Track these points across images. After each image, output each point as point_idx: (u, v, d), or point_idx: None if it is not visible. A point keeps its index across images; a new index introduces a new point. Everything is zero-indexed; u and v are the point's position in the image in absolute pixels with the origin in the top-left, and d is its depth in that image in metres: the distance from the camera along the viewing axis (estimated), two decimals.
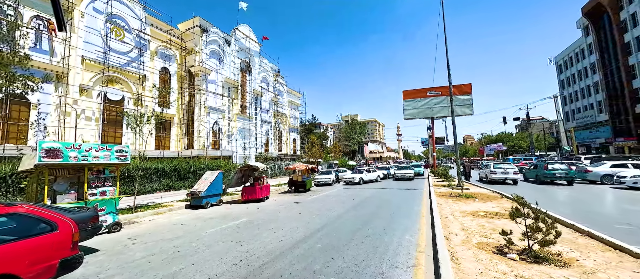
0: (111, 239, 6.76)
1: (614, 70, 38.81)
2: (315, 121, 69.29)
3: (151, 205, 11.40)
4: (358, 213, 9.13)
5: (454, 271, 3.91)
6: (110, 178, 7.84)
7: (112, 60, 22.06)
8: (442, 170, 21.54)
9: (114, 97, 22.22)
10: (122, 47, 22.99)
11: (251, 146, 35.12)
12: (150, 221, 9.00)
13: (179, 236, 6.92)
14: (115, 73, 22.32)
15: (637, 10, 34.42)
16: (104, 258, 5.36)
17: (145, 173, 16.03)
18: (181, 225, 8.23)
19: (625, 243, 4.64)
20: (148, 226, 8.23)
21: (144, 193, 15.93)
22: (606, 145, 39.79)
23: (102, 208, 7.38)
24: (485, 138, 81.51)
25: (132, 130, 11.31)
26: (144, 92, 23.62)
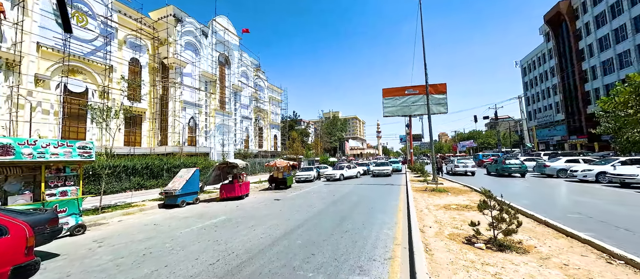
0: (74, 243, 6.26)
1: (569, 74, 42.71)
2: (296, 117, 68.86)
3: (120, 205, 10.70)
4: (338, 209, 9.27)
5: (427, 261, 4.11)
6: (72, 176, 7.23)
7: (74, 48, 20.20)
8: (419, 166, 22.48)
9: (76, 88, 20.40)
10: (85, 35, 21.12)
11: (230, 143, 34.14)
12: (119, 222, 8.45)
13: (151, 237, 6.57)
14: (78, 62, 20.48)
15: (590, 20, 38.03)
16: (64, 263, 4.95)
17: (113, 171, 14.99)
18: (154, 225, 7.82)
19: (575, 230, 5.17)
20: (116, 228, 7.73)
21: (112, 193, 14.92)
22: (562, 142, 43.85)
23: (62, 210, 6.80)
24: (458, 135, 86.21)
25: (98, 125, 10.50)
26: (111, 84, 21.95)
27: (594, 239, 4.61)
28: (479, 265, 3.93)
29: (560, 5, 42.50)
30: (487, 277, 3.55)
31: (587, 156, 19.32)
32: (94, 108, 11.21)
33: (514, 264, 3.91)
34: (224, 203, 11.79)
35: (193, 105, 28.82)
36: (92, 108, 11.44)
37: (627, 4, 32.03)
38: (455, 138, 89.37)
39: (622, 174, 12.08)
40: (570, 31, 41.90)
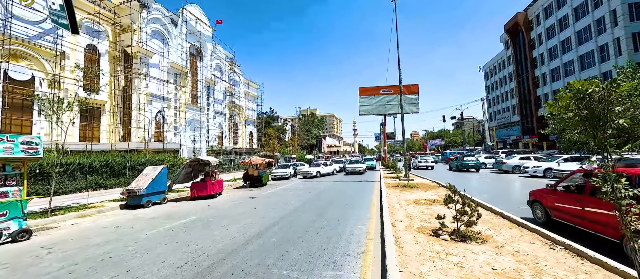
0: (17, 250, 5.57)
1: (524, 80, 47.18)
2: (273, 114, 67.68)
3: (74, 207, 9.71)
4: (314, 206, 9.32)
5: (397, 254, 4.31)
6: (14, 176, 6.40)
7: (17, 30, 17.75)
8: (392, 163, 23.39)
9: (19, 76, 17.98)
10: (32, 16, 18.66)
11: (202, 139, 32.58)
12: (73, 226, 7.67)
13: (111, 240, 6.07)
14: (21, 46, 18.05)
15: (542, 31, 42.25)
16: (4, 274, 4.38)
17: (65, 169, 13.53)
18: (114, 228, 7.22)
19: (525, 221, 5.75)
20: (70, 231, 7.01)
21: (65, 194, 13.48)
22: (517, 141, 48.42)
23: (2, 213, 6.00)
24: (429, 134, 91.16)
25: (47, 117, 9.38)
26: (64, 72, 19.70)
27: (540, 228, 5.17)
28: (443, 255, 4.21)
29: (518, 16, 46.62)
30: (450, 266, 3.82)
31: (537, 155, 21.60)
32: (41, 98, 9.96)
33: (474, 253, 4.25)
34: (194, 202, 11.25)
35: (161, 98, 26.97)
36: (40, 99, 10.16)
37: (572, 18, 36.10)
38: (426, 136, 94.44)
39: (564, 170, 13.69)
40: (526, 41, 46.21)
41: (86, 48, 22.46)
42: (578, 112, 1.94)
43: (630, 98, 11.89)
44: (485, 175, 19.01)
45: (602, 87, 1.84)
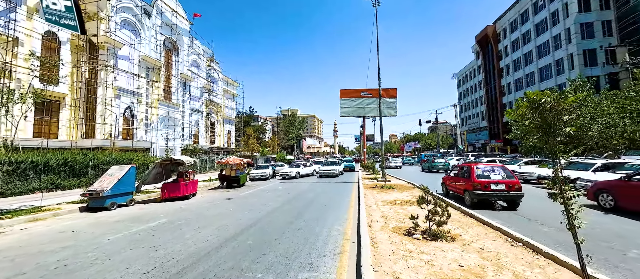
0: None
1: (492, 88, 50.72)
2: (253, 113, 66.27)
3: (25, 210, 8.77)
4: (292, 207, 9.25)
5: (372, 254, 4.40)
6: None
7: None
8: (371, 164, 23.92)
9: None
10: None
11: (176, 138, 31.01)
12: (23, 231, 6.92)
13: (68, 246, 5.55)
14: None
15: (508, 44, 45.72)
16: None
17: (15, 168, 12.17)
18: (72, 233, 6.62)
19: (490, 220, 6.16)
20: (18, 238, 6.30)
21: (14, 195, 12.13)
22: (485, 145, 51.87)
23: None
24: (406, 137, 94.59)
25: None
26: (16, 60, 17.74)
27: (502, 227, 5.57)
28: (415, 254, 4.38)
29: (487, 29, 50.05)
30: (421, 264, 3.97)
31: (502, 158, 23.31)
32: None
33: (443, 251, 4.47)
34: (166, 203, 10.66)
35: (130, 93, 25.26)
36: None
37: (533, 34, 39.49)
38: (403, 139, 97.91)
39: (525, 172, 14.89)
40: (494, 52, 49.74)
41: (44, 35, 20.44)
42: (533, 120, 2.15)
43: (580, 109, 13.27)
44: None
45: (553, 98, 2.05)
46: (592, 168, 11.12)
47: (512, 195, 7.93)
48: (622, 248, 4.76)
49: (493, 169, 8.55)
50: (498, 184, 8.00)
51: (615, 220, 6.65)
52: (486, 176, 8.24)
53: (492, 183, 8.03)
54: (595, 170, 10.90)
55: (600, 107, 17.73)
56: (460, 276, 3.58)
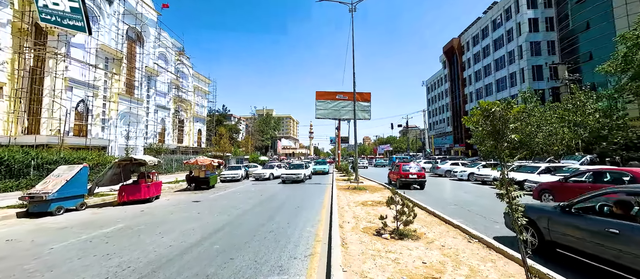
0: None
1: (457, 96, 54.72)
2: (226, 112, 63.82)
3: None
4: (264, 209, 9.05)
5: (342, 254, 4.47)
6: None
7: None
8: (344, 166, 24.33)
9: None
10: None
11: (139, 136, 28.70)
12: None
13: (1, 258, 4.83)
14: None
15: (470, 56, 49.74)
16: None
17: None
18: (6, 242, 5.79)
19: (451, 218, 6.61)
20: None
21: None
22: (450, 149, 55.70)
23: None
24: (379, 140, 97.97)
25: None
26: None
27: (461, 224, 6.01)
28: (383, 253, 4.53)
29: (453, 41, 53.98)
30: (388, 262, 4.13)
31: (464, 161, 25.20)
32: None
33: (409, 249, 4.69)
34: (124, 207, 9.80)
35: (85, 85, 22.87)
36: None
37: (492, 48, 43.45)
38: (376, 142, 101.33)
39: (483, 174, 16.25)
40: (458, 63, 53.76)
41: None
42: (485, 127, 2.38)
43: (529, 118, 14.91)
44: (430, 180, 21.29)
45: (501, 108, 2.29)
46: (537, 171, 12.49)
47: (420, 181, 13.76)
48: None
49: (411, 165, 14.53)
50: (413, 174, 13.75)
51: None
52: (407, 170, 13.95)
53: (410, 174, 13.76)
54: (540, 173, 12.27)
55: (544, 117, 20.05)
56: (423, 272, 3.78)
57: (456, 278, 3.62)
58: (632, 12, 26.05)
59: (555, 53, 35.76)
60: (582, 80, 29.11)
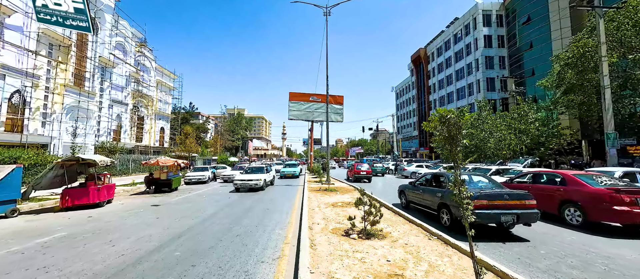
0: None
1: (422, 102, 58.40)
2: (193, 110, 60.16)
3: None
4: (232, 212, 8.71)
5: (310, 256, 4.48)
6: None
7: None
8: (316, 168, 24.46)
9: None
10: None
11: (89, 133, 25.76)
12: None
13: None
14: None
15: (435, 66, 53.50)
16: None
17: None
18: None
19: (414, 218, 7.01)
20: None
21: None
22: (416, 152, 59.13)
23: None
24: (351, 142, 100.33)
25: None
26: None
27: (423, 223, 6.41)
28: (351, 253, 4.64)
29: (420, 51, 57.61)
30: (355, 262, 4.24)
31: (428, 163, 26.95)
32: None
33: (375, 249, 4.86)
34: (67, 213, 8.70)
35: (22, 73, 19.91)
36: None
37: (454, 60, 47.24)
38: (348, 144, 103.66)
39: None
40: (424, 71, 57.49)
41: None
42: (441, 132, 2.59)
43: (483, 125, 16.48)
44: (390, 179, 22.31)
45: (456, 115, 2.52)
46: (489, 173, 13.83)
47: (367, 176, 19.25)
48: (503, 236, 6.03)
49: (362, 165, 20.49)
50: (363, 171, 19.50)
51: None
52: (359, 168, 19.80)
53: (361, 171, 19.46)
54: (492, 174, 13.60)
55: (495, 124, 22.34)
56: (387, 270, 3.95)
57: (417, 273, 3.84)
58: (565, 36, 30.31)
59: (505, 67, 40.09)
60: (526, 93, 33.05)
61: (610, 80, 14.75)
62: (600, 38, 14.54)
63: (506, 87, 36.15)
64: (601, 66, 14.45)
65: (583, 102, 19.31)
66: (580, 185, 6.80)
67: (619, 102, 17.86)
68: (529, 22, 35.56)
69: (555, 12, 31.89)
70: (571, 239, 5.74)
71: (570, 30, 29.95)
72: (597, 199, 6.31)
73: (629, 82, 17.04)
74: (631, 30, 15.76)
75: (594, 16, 15.58)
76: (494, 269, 3.82)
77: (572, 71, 18.78)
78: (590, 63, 17.45)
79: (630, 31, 15.83)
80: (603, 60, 14.32)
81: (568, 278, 3.90)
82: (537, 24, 34.45)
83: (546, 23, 33.17)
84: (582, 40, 18.45)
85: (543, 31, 33.73)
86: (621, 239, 5.79)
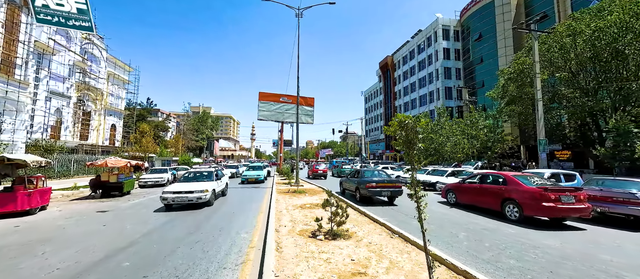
0: None
1: (389, 107, 61.51)
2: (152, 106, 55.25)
3: None
4: (193, 216, 8.19)
5: (276, 259, 4.41)
6: None
7: None
8: (286, 169, 24.20)
9: None
10: None
11: (20, 128, 22.12)
12: None
13: None
14: None
15: (400, 74, 56.78)
16: None
17: None
18: None
19: (378, 217, 7.33)
20: None
21: None
22: (382, 154, 61.96)
23: None
24: (321, 144, 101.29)
25: None
26: None
27: (387, 222, 6.73)
28: (317, 254, 4.68)
29: (387, 58, 60.68)
30: (320, 263, 4.28)
31: (393, 165, 28.45)
32: None
33: (340, 248, 4.97)
34: None
35: None
36: None
37: (417, 69, 50.64)
38: (319, 146, 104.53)
39: (407, 177, 18.64)
40: (391, 78, 60.66)
41: None
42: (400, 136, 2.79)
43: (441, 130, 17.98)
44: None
45: (412, 120, 2.74)
46: (445, 174, 15.07)
47: (324, 174, 23.65)
48: (455, 231, 6.62)
49: (320, 166, 25.01)
50: (320, 171, 23.87)
51: (455, 211, 9.20)
52: (317, 168, 24.08)
53: (318, 170, 23.60)
54: (448, 176, 14.84)
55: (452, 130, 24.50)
56: (351, 268, 4.07)
57: (378, 270, 4.02)
58: (508, 54, 34.49)
59: (461, 78, 44.19)
60: (477, 102, 36.81)
61: (542, 94, 17.14)
62: (535, 57, 16.84)
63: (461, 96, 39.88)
64: (535, 82, 16.73)
65: (521, 112, 22.13)
66: (518, 185, 7.77)
67: (548, 113, 20.84)
68: (481, 39, 39.76)
69: (502, 32, 36.17)
70: (510, 233, 6.52)
71: (513, 49, 34.18)
72: (530, 197, 7.27)
73: (556, 96, 19.98)
74: (558, 52, 18.54)
75: (530, 38, 18.02)
76: (446, 263, 4.17)
77: (514, 85, 21.44)
78: (527, 79, 20.10)
79: (557, 53, 18.61)
80: (537, 77, 16.60)
81: (506, 267, 4.42)
82: (487, 42, 38.67)
83: (494, 41, 37.41)
84: (521, 58, 21.18)
85: (491, 48, 37.97)
86: (549, 231, 6.75)
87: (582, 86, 17.82)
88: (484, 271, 4.14)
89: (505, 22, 36.10)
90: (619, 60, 15.96)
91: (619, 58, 15.90)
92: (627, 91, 15.79)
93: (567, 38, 17.54)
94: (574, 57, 17.73)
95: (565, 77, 18.84)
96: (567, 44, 17.59)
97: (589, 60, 17.27)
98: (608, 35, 15.54)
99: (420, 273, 3.87)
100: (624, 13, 15.12)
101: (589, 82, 17.64)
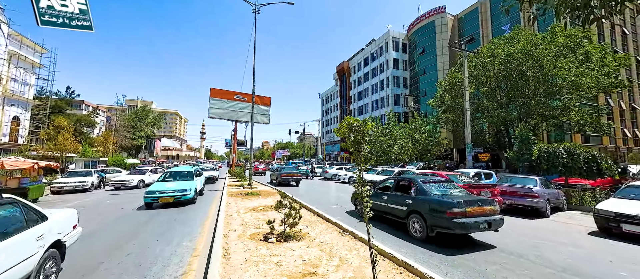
0: None
1: (344, 110, 63.99)
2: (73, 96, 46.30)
3: None
4: (124, 225, 7.15)
5: (223, 266, 4.14)
6: None
7: None
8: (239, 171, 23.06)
9: None
10: None
11: None
12: None
13: None
14: None
15: (355, 79, 59.69)
16: None
17: None
18: None
19: (330, 216, 7.53)
20: None
21: None
22: (337, 156, 64.06)
23: None
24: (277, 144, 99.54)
25: None
26: None
27: (339, 222, 6.97)
28: (268, 258, 4.55)
29: (344, 63, 63.13)
30: (271, 266, 4.18)
31: (347, 166, 29.67)
32: None
33: (292, 250, 4.94)
34: None
35: None
36: None
37: (370, 75, 53.97)
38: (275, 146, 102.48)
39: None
40: (347, 82, 63.29)
41: None
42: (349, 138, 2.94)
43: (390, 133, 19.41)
44: (314, 181, 23.36)
45: (360, 123, 2.92)
46: (392, 173, 16.36)
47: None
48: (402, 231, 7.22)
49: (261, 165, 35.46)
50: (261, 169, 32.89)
51: None
52: (259, 168, 32.93)
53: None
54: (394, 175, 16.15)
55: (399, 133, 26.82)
56: (302, 269, 4.07)
57: (329, 268, 4.12)
58: (445, 68, 39.44)
59: (407, 87, 48.70)
60: (420, 109, 41.09)
61: (469, 105, 20.05)
62: (465, 73, 19.64)
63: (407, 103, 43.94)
64: (464, 94, 19.50)
65: (454, 119, 25.51)
66: None
67: (474, 121, 24.49)
68: (424, 53, 44.57)
69: (440, 49, 41.21)
70: None
71: (449, 64, 39.20)
72: None
73: (479, 107, 23.63)
74: (481, 70, 22.00)
75: (462, 56, 20.97)
76: (390, 256, 4.51)
77: (449, 96, 24.59)
78: (459, 91, 23.28)
79: (480, 71, 22.06)
80: (466, 90, 19.37)
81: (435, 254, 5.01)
82: (429, 56, 43.55)
83: (434, 56, 42.38)
84: (454, 72, 24.44)
85: (432, 61, 42.89)
86: None
87: (498, 100, 21.47)
88: (421, 261, 4.61)
89: (444, 40, 41.25)
90: (523, 81, 19.72)
91: (523, 79, 19.65)
92: (528, 106, 19.62)
93: (488, 59, 20.94)
94: (492, 75, 21.24)
95: (486, 92, 22.43)
96: (488, 64, 21.00)
97: (503, 79, 20.92)
98: (516, 59, 19.08)
99: (366, 268, 4.10)
100: (527, 42, 18.78)
101: (503, 97, 21.35)
